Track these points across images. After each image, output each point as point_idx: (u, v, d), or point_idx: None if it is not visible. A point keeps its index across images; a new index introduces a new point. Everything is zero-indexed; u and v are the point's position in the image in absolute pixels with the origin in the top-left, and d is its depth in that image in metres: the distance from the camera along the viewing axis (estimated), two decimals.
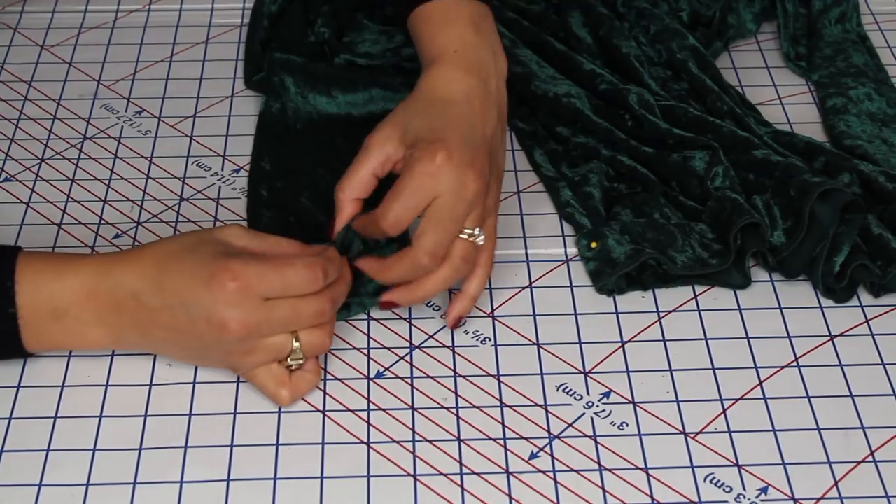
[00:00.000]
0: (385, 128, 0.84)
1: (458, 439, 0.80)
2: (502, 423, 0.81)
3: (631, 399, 0.82)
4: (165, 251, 0.79)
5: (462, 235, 0.83)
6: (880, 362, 0.85)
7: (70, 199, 0.97)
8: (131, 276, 0.78)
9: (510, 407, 0.82)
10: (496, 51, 0.91)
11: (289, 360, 0.80)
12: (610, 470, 0.78)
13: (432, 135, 0.83)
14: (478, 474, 0.78)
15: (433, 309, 0.89)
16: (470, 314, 0.87)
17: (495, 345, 0.86)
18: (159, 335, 0.79)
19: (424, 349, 0.86)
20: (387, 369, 0.84)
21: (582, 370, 0.84)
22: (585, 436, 0.80)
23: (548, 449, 0.79)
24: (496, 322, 0.88)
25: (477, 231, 0.83)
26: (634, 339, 0.87)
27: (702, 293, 0.90)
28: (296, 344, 0.79)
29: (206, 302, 0.76)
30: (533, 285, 0.91)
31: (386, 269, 0.83)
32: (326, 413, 0.81)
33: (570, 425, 0.81)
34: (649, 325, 0.88)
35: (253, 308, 0.76)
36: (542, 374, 0.84)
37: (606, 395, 0.83)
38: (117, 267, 0.78)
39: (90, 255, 0.83)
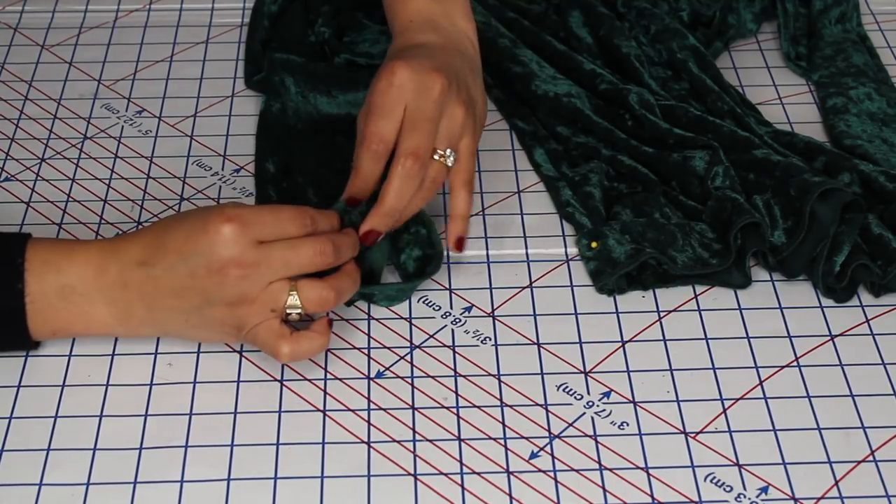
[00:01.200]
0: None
1: (459, 439, 0.80)
2: (503, 423, 0.81)
3: (631, 399, 0.82)
4: (166, 220, 0.80)
5: (434, 156, 0.85)
6: (881, 362, 0.85)
7: (70, 199, 0.97)
8: (136, 246, 0.79)
9: (510, 406, 0.82)
10: (466, 14, 0.94)
11: (287, 310, 0.79)
12: (610, 469, 0.78)
13: (388, 61, 0.86)
14: (478, 474, 0.78)
15: (433, 308, 0.89)
16: (473, 316, 0.87)
17: (496, 344, 0.86)
18: (164, 304, 0.79)
19: (425, 349, 0.86)
20: (387, 369, 0.84)
21: (582, 370, 0.84)
22: (586, 435, 0.80)
23: (548, 448, 0.79)
24: (496, 322, 0.88)
25: (448, 152, 0.86)
26: (635, 339, 0.87)
27: (702, 293, 0.90)
28: (294, 300, 0.79)
29: (204, 248, 0.77)
30: (533, 285, 0.91)
31: (382, 195, 0.84)
32: (327, 413, 0.81)
33: (571, 425, 0.81)
34: (650, 325, 0.88)
35: (250, 247, 0.77)
36: (542, 373, 0.84)
37: (607, 394, 0.83)
38: (123, 243, 0.80)
39: (94, 240, 0.86)
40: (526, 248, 0.94)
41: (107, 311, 0.80)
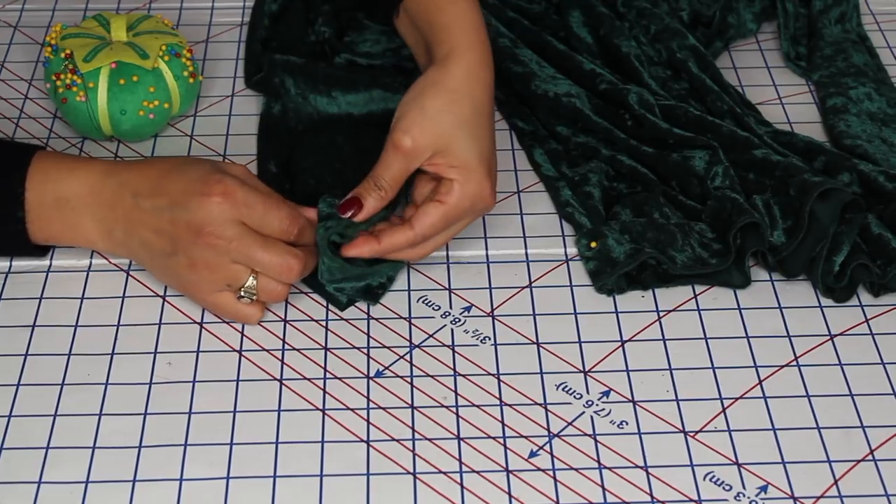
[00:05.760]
0: (426, 136, 0.84)
1: (458, 438, 0.80)
2: (502, 422, 0.81)
3: (631, 398, 0.83)
4: (173, 161, 0.86)
5: None
6: (880, 361, 0.85)
7: None
8: (136, 177, 0.85)
9: (510, 405, 0.82)
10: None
11: (241, 291, 0.84)
12: (610, 468, 0.78)
13: (480, 161, 0.86)
14: (478, 473, 0.78)
15: (433, 308, 0.89)
16: (473, 315, 0.88)
17: (495, 344, 0.86)
18: (141, 235, 0.85)
19: (424, 348, 0.86)
20: (387, 368, 0.84)
21: (582, 369, 0.84)
22: (585, 434, 0.80)
23: (547, 447, 0.79)
24: (496, 321, 0.88)
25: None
26: (634, 339, 0.87)
27: (701, 293, 0.90)
28: (252, 281, 0.84)
29: (193, 207, 0.82)
30: (533, 285, 0.91)
31: (378, 246, 0.86)
32: (326, 411, 0.81)
33: (570, 424, 0.81)
34: (649, 325, 0.88)
35: (231, 224, 0.82)
36: (541, 372, 0.84)
37: (606, 393, 0.83)
38: (125, 169, 0.86)
39: (104, 158, 0.92)
40: (525, 247, 0.94)
41: (93, 226, 0.86)
